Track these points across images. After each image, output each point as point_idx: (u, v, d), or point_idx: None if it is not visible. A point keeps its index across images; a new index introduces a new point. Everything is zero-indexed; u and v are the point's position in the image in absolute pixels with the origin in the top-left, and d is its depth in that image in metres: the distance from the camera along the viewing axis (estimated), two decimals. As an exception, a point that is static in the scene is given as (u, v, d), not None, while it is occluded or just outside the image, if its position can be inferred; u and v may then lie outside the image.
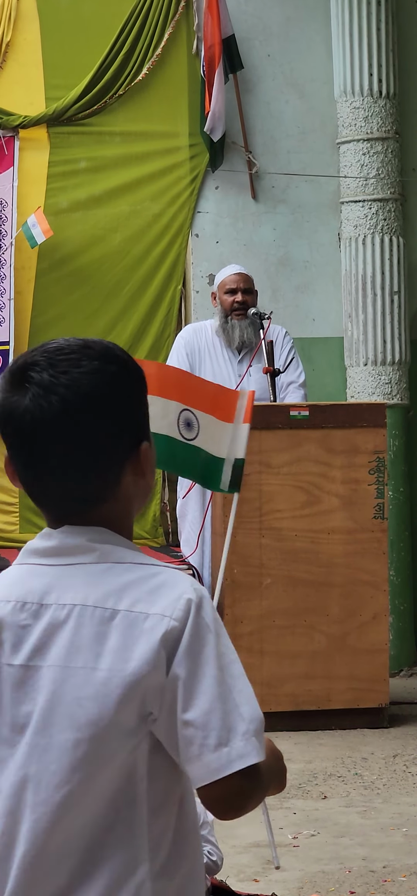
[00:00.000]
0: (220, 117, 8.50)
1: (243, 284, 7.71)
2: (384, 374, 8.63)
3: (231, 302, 7.69)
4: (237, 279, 7.73)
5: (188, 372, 6.23)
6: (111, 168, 8.63)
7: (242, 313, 7.68)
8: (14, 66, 8.53)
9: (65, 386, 2.14)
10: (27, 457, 2.16)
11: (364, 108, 8.61)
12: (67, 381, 2.14)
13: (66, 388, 2.14)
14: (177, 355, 7.75)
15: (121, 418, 2.16)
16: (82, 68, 8.54)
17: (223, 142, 8.63)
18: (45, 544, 2.18)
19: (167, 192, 8.66)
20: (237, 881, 4.89)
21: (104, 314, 8.57)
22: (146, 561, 2.15)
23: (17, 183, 8.47)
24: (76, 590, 2.13)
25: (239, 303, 7.67)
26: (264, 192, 8.79)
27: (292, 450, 7.19)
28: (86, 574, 2.14)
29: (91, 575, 2.13)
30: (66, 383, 2.14)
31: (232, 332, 7.68)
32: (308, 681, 7.17)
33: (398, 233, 8.68)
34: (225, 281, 7.76)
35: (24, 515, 8.47)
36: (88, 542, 2.15)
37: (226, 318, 7.70)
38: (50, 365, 2.18)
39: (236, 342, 7.68)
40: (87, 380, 2.14)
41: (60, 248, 8.46)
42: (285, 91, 8.80)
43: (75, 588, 2.13)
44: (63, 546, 2.16)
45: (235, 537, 7.19)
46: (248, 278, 7.75)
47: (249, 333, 7.67)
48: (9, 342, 8.44)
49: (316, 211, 8.81)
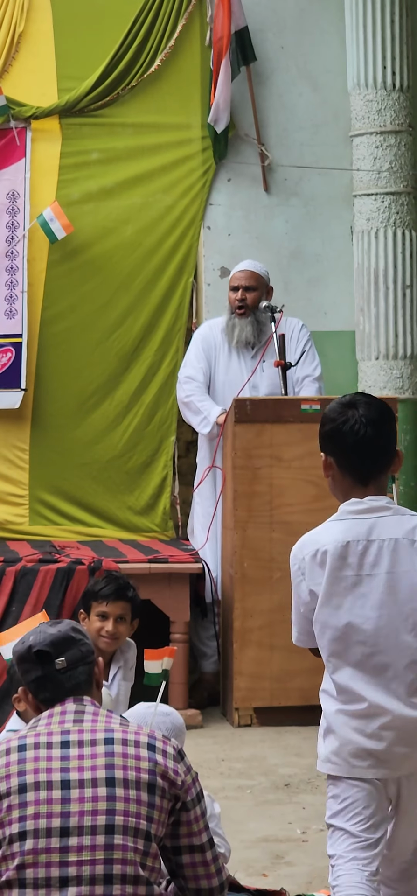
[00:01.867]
0: (224, 109, 8.48)
1: (245, 282, 7.71)
2: (395, 368, 8.61)
3: (234, 299, 7.72)
4: (240, 276, 7.75)
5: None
6: (123, 159, 8.61)
7: (243, 311, 7.68)
8: (27, 57, 8.51)
9: None
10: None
11: (377, 101, 8.58)
12: None
13: None
14: (195, 350, 7.82)
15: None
16: (95, 59, 8.52)
17: (227, 133, 8.61)
18: (358, 507, 3.79)
19: (179, 183, 8.64)
20: (246, 875, 4.88)
21: (115, 306, 8.55)
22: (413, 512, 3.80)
23: (29, 174, 8.46)
24: (389, 529, 3.75)
25: (240, 300, 7.68)
26: (276, 185, 8.76)
27: (303, 444, 7.17)
28: (391, 522, 3.75)
29: (394, 522, 3.76)
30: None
31: (232, 330, 7.71)
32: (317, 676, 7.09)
33: (410, 226, 8.65)
34: (231, 277, 7.81)
35: (34, 508, 8.45)
36: (387, 504, 3.77)
37: (230, 316, 7.74)
38: None
39: (235, 340, 7.69)
40: None
41: (72, 240, 8.44)
42: (298, 83, 8.78)
43: (388, 529, 3.75)
44: (372, 507, 3.77)
45: (245, 531, 7.18)
46: (253, 275, 7.74)
47: (249, 332, 7.68)
48: (22, 334, 8.43)
49: (328, 204, 8.78)
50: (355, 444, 3.77)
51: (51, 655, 3.41)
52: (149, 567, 7.31)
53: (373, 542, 3.74)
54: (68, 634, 3.45)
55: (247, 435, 7.17)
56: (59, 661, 3.41)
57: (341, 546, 3.76)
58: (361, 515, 3.78)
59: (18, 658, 3.47)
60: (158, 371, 8.56)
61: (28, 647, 3.45)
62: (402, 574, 3.74)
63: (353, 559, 3.75)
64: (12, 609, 7.16)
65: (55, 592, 7.16)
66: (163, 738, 3.39)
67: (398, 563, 3.74)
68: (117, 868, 3.23)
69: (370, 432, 3.76)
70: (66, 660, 3.42)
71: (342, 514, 3.83)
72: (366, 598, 3.73)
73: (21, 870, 3.22)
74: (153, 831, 3.29)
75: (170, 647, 4.38)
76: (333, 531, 3.80)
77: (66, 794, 3.26)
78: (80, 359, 8.52)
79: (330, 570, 3.76)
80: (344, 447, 3.79)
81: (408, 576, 3.73)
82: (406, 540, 3.74)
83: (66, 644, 3.44)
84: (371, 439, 3.76)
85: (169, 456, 8.56)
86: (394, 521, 3.76)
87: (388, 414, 3.83)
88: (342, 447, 3.80)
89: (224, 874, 3.49)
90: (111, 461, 8.54)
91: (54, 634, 3.44)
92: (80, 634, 3.49)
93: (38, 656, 3.42)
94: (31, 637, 3.47)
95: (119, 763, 3.29)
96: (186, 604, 7.35)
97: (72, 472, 8.51)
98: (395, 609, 3.72)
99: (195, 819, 3.40)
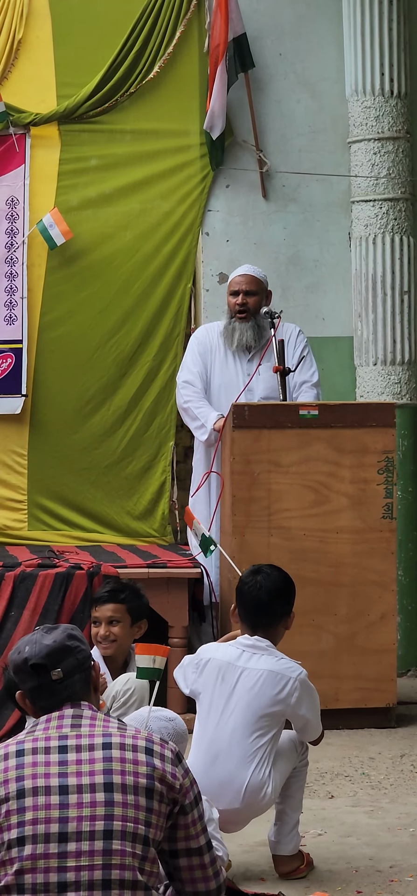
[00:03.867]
0: (220, 115, 8.50)
1: (246, 286, 7.73)
2: (393, 373, 8.63)
3: (234, 303, 7.73)
4: (241, 281, 7.76)
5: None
6: (122, 166, 8.63)
7: (243, 316, 7.70)
8: (26, 64, 8.54)
9: None
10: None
11: (375, 108, 8.61)
12: None
13: None
14: (191, 354, 7.82)
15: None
16: (94, 66, 8.55)
17: (223, 140, 8.63)
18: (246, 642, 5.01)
19: (178, 190, 8.67)
20: (243, 880, 4.90)
21: (113, 312, 8.58)
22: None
23: (28, 181, 8.48)
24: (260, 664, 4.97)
25: (240, 305, 7.70)
26: (275, 191, 8.79)
27: (301, 449, 7.19)
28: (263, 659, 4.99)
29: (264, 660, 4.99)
30: None
31: (232, 334, 7.72)
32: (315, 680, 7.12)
33: (408, 232, 8.68)
34: (231, 282, 7.81)
35: (33, 513, 8.47)
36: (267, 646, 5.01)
37: (230, 320, 7.75)
38: None
39: (234, 344, 7.71)
40: None
41: (70, 246, 8.46)
42: (296, 90, 8.80)
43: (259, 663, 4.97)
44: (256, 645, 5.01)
45: (244, 536, 7.19)
46: (253, 280, 7.76)
47: (249, 336, 7.69)
48: (22, 340, 8.45)
49: (326, 210, 8.81)
50: (250, 602, 5.00)
51: (46, 667, 3.42)
52: (147, 572, 7.33)
53: (245, 670, 4.93)
54: (63, 644, 3.46)
55: (245, 440, 7.19)
56: (55, 673, 3.42)
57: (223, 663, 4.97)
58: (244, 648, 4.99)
59: (14, 668, 3.48)
60: (157, 376, 8.59)
61: (24, 659, 3.45)
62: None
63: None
64: (11, 614, 7.18)
65: (54, 597, 7.18)
66: (161, 742, 3.40)
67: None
68: (115, 873, 3.24)
69: (262, 597, 4.98)
70: (61, 671, 3.43)
71: (236, 643, 5.02)
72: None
73: (20, 875, 3.24)
74: (151, 836, 3.30)
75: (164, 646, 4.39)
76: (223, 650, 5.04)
77: (64, 800, 3.27)
78: (79, 364, 8.55)
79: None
80: (242, 602, 5.02)
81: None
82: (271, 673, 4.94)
83: (61, 654, 3.44)
84: (263, 602, 4.98)
85: (167, 461, 8.59)
86: (264, 660, 4.94)
87: (286, 584, 5.07)
88: (241, 601, 5.03)
89: (221, 877, 3.51)
90: (110, 466, 8.56)
91: (49, 646, 3.44)
92: (76, 641, 3.49)
93: (34, 668, 3.43)
94: (26, 648, 3.47)
95: (117, 768, 3.31)
96: (185, 608, 7.37)
97: (71, 477, 8.53)
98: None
99: (193, 822, 3.42)
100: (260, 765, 4.89)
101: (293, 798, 5.04)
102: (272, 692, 4.90)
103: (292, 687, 4.92)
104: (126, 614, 5.75)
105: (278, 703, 4.91)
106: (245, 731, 4.88)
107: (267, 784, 4.89)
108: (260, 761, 4.89)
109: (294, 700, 4.92)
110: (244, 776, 4.85)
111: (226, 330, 7.75)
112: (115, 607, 5.73)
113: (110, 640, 5.71)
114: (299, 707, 4.95)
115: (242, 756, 4.87)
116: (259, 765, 4.88)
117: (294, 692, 4.92)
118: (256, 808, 4.93)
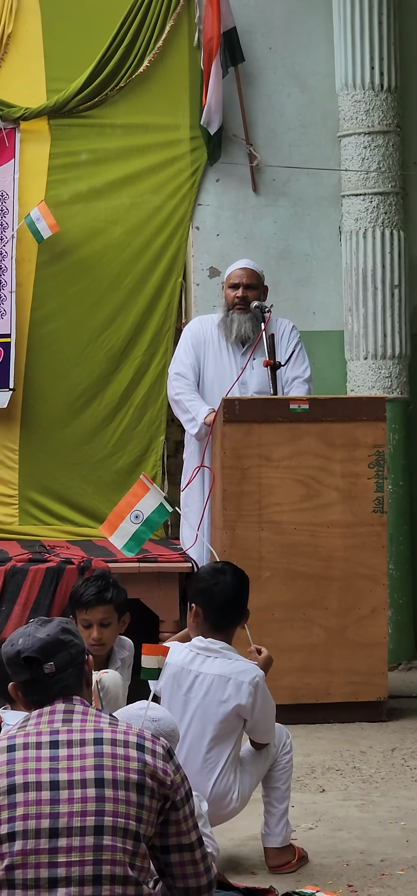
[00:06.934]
0: (217, 110, 8.50)
1: (246, 280, 7.73)
2: (384, 367, 8.63)
3: (233, 296, 7.72)
4: (241, 274, 7.75)
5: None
6: (112, 160, 8.62)
7: (243, 308, 7.70)
8: (15, 58, 8.53)
9: None
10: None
11: (365, 102, 8.61)
12: None
13: None
14: (184, 346, 7.79)
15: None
16: (83, 60, 8.54)
17: (220, 135, 8.63)
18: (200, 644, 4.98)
19: (168, 184, 8.66)
20: (234, 874, 4.90)
21: (104, 307, 8.57)
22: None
23: (18, 175, 8.47)
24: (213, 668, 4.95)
25: (240, 297, 7.69)
26: (265, 185, 8.79)
27: (292, 443, 7.19)
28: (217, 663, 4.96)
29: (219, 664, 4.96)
30: None
31: (230, 325, 7.71)
32: (306, 674, 7.18)
33: (398, 227, 8.68)
34: (230, 275, 7.80)
35: (24, 507, 8.47)
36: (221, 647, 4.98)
37: (228, 312, 7.73)
38: None
39: (233, 335, 7.70)
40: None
41: (61, 241, 8.46)
42: (286, 84, 8.80)
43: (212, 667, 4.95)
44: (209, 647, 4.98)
45: (234, 530, 7.20)
46: (253, 273, 7.76)
47: (248, 328, 7.68)
48: (10, 334, 8.44)
49: (316, 204, 8.81)
50: (220, 602, 4.98)
51: (39, 661, 3.42)
52: (138, 566, 7.33)
53: (199, 675, 4.93)
54: (57, 638, 3.45)
55: (236, 435, 7.19)
56: (48, 666, 3.42)
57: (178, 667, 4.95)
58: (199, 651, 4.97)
59: (7, 660, 3.48)
60: (147, 371, 8.58)
61: (17, 651, 3.45)
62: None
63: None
64: (2, 608, 7.18)
65: (45, 592, 7.18)
66: (153, 738, 3.40)
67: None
68: (106, 869, 3.25)
69: (232, 595, 4.99)
70: (54, 664, 3.42)
71: (190, 646, 4.99)
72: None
73: (10, 870, 3.24)
74: (142, 832, 3.31)
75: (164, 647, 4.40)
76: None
77: (54, 795, 3.27)
78: (70, 359, 8.54)
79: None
80: (210, 603, 4.98)
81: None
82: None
83: (54, 648, 3.44)
84: (233, 600, 5.00)
85: (158, 456, 8.59)
86: (218, 663, 4.92)
87: (247, 580, 5.08)
88: (209, 601, 4.98)
89: (212, 872, 3.51)
90: (101, 461, 8.56)
91: (43, 639, 3.44)
92: (70, 635, 3.49)
93: (26, 661, 3.43)
94: (19, 640, 3.47)
95: (108, 763, 3.31)
96: (175, 603, 7.37)
97: (62, 471, 8.53)
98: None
99: (184, 818, 3.42)
100: (224, 772, 4.87)
101: (278, 789, 5.02)
102: (224, 696, 4.88)
103: (244, 690, 4.89)
104: (113, 612, 5.74)
105: (232, 707, 4.88)
106: (202, 741, 4.87)
107: (232, 790, 4.89)
108: (223, 769, 4.87)
109: (245, 702, 4.88)
110: (206, 787, 4.84)
111: (224, 321, 7.72)
112: (105, 609, 5.71)
113: (101, 642, 5.70)
114: (252, 709, 4.90)
115: (201, 767, 4.86)
116: (221, 773, 4.87)
117: (247, 695, 4.89)
118: (222, 815, 4.92)
